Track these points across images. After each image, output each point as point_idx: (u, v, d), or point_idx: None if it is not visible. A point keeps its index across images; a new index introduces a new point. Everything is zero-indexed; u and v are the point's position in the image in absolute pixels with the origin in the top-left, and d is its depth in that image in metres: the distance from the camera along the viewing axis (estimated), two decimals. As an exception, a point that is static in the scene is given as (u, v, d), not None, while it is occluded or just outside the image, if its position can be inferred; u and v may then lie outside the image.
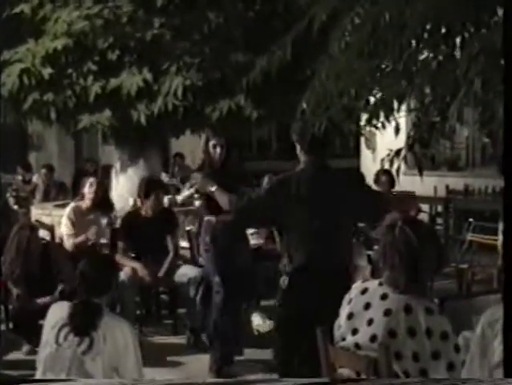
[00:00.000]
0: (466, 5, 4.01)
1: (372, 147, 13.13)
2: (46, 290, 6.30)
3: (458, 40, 4.15)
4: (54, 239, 7.64)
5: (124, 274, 6.42)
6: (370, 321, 3.37)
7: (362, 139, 13.06)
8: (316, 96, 4.48)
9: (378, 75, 4.42)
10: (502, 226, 6.17)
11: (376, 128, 4.55)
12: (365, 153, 13.66)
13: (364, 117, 4.46)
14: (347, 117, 4.55)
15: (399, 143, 4.51)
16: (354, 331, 3.42)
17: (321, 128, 4.36)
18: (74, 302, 3.99)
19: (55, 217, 8.36)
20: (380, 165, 4.51)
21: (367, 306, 3.41)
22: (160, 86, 7.98)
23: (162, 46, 8.03)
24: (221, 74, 7.99)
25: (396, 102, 4.24)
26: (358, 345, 3.38)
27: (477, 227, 8.27)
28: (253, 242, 6.91)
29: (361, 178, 5.10)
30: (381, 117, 4.32)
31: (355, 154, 14.19)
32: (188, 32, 8.10)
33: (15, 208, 10.14)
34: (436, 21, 4.10)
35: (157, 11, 8.03)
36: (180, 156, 13.18)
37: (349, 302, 3.49)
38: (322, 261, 4.53)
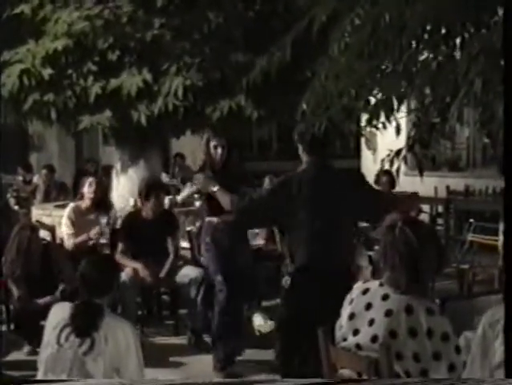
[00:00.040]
0: (466, 5, 4.01)
1: (373, 147, 13.12)
2: (46, 291, 6.30)
3: (458, 41, 4.15)
4: (54, 239, 7.64)
5: (126, 275, 6.42)
6: (371, 321, 3.37)
7: (362, 139, 13.05)
8: (316, 97, 4.48)
9: (378, 76, 4.42)
10: (503, 227, 6.17)
11: (377, 129, 4.55)
12: (366, 154, 13.64)
13: (365, 117, 4.46)
14: (347, 117, 4.56)
15: (399, 143, 4.51)
16: (355, 332, 3.42)
17: (321, 128, 4.37)
18: (75, 303, 3.99)
19: (56, 218, 8.35)
20: (380, 166, 4.50)
21: (368, 307, 3.41)
22: (160, 86, 7.98)
23: (162, 46, 8.03)
24: (222, 74, 7.99)
25: (396, 102, 4.25)
26: (359, 345, 3.38)
27: (478, 227, 8.26)
28: (253, 243, 6.91)
29: (363, 177, 5.10)
30: (382, 117, 4.32)
31: (355, 155, 14.16)
32: (188, 32, 8.09)
33: (16, 208, 10.14)
34: (436, 21, 4.10)
35: (157, 11, 8.02)
36: (180, 157, 13.18)
37: (350, 303, 3.49)
38: (324, 262, 4.53)
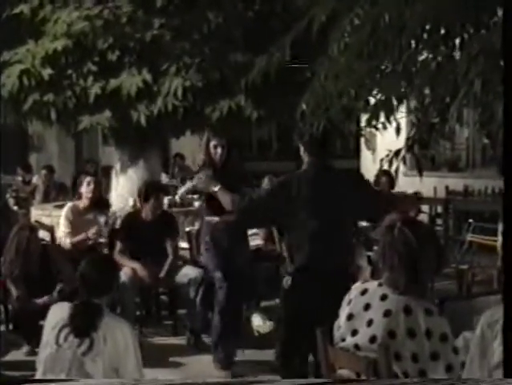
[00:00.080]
0: (466, 6, 4.01)
1: (372, 148, 13.11)
2: (45, 291, 6.29)
3: (458, 41, 4.15)
4: (54, 240, 7.63)
5: (125, 275, 6.41)
6: (370, 322, 3.37)
7: (362, 140, 13.05)
8: (316, 97, 4.48)
9: (377, 76, 4.42)
10: (502, 227, 6.17)
11: (376, 129, 4.55)
12: (365, 154, 13.64)
13: (364, 118, 4.46)
14: (347, 118, 4.56)
15: (399, 144, 4.51)
16: (353, 332, 3.42)
17: (319, 129, 4.37)
18: (74, 303, 3.99)
19: (55, 218, 8.34)
20: (379, 166, 4.50)
21: (366, 307, 3.40)
22: (159, 86, 7.97)
23: (162, 46, 8.03)
24: (221, 74, 7.98)
25: (396, 103, 4.25)
26: (357, 346, 3.38)
27: (477, 228, 8.26)
28: (252, 243, 6.91)
29: (363, 178, 5.09)
30: (381, 118, 4.32)
31: (355, 155, 14.16)
32: (187, 32, 8.09)
33: (15, 208, 10.15)
34: (435, 22, 4.10)
35: (157, 11, 8.02)
36: (180, 157, 13.19)
37: (349, 303, 3.49)
38: (324, 262, 4.53)
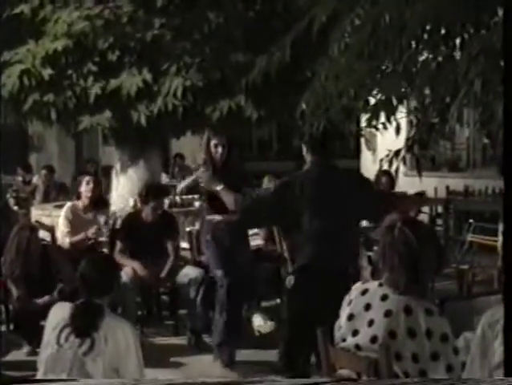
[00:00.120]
0: (466, 6, 4.01)
1: (373, 148, 13.10)
2: (46, 291, 6.30)
3: (458, 41, 4.16)
4: (54, 240, 7.63)
5: (126, 275, 6.41)
6: (370, 322, 3.37)
7: (362, 140, 13.04)
8: (316, 97, 4.49)
9: (378, 76, 4.43)
10: (502, 227, 6.17)
11: (377, 129, 4.55)
12: (365, 154, 13.63)
13: (364, 118, 4.47)
14: (347, 118, 4.56)
15: (399, 144, 4.51)
16: (354, 332, 3.41)
17: (319, 128, 4.37)
18: (75, 303, 3.98)
19: (55, 218, 8.33)
20: (379, 166, 4.50)
21: (367, 307, 3.40)
22: (160, 86, 7.97)
23: (162, 46, 8.02)
24: (221, 74, 7.98)
25: (396, 103, 4.25)
26: (358, 346, 3.38)
27: (478, 228, 8.26)
28: (253, 243, 6.91)
29: (365, 177, 5.09)
30: (382, 118, 4.32)
31: (355, 155, 14.15)
32: (188, 32, 8.08)
33: (15, 208, 10.13)
34: (435, 22, 4.11)
35: (157, 11, 8.01)
36: (180, 157, 13.19)
37: (349, 303, 3.49)
38: (327, 261, 4.53)
